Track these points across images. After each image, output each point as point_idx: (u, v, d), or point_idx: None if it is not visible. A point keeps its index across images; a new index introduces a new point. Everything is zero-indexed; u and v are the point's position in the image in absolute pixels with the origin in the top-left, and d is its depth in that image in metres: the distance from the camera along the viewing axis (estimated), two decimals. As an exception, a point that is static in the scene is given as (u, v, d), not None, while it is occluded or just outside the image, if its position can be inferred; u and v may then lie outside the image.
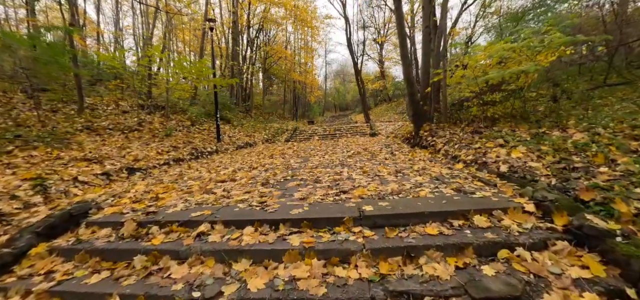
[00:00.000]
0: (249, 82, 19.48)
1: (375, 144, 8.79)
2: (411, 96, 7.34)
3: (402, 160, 5.36)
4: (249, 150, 10.04)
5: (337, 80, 49.12)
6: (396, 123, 15.51)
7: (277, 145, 11.22)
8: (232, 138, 11.80)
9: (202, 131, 11.42)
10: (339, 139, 12.01)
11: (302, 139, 13.02)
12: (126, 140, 8.63)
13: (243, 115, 17.08)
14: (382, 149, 7.22)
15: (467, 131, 6.34)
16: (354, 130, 13.67)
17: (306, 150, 8.59)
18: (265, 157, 7.49)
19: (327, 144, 10.05)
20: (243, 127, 14.07)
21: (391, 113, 23.88)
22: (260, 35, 21.27)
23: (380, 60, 32.55)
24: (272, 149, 10.08)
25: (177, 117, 11.90)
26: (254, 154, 8.61)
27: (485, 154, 4.52)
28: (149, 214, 2.95)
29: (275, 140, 13.11)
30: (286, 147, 9.84)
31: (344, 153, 7.04)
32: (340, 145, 9.21)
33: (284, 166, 5.58)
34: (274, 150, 9.16)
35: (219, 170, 5.88)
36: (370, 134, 11.92)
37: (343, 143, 10.02)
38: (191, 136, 10.39)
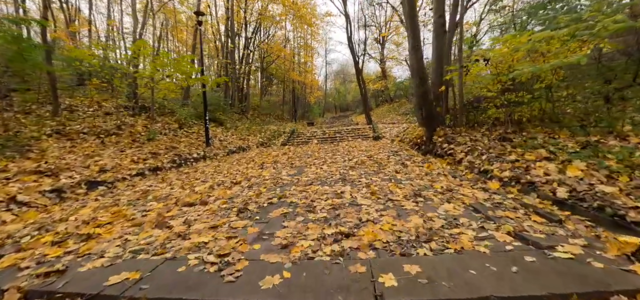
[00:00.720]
0: (245, 82, 18.46)
1: (380, 149, 7.75)
2: (423, 96, 6.30)
3: (418, 174, 4.32)
4: (240, 157, 9.01)
5: (338, 80, 48.09)
6: (400, 125, 14.47)
7: (271, 150, 10.20)
8: (224, 142, 10.77)
9: (191, 135, 10.39)
10: (340, 143, 10.98)
11: (300, 142, 11.99)
12: (101, 146, 7.61)
13: (239, 117, 16.07)
14: (390, 156, 6.18)
15: (492, 137, 5.30)
16: (356, 133, 12.64)
17: (302, 157, 7.57)
18: (254, 167, 6.47)
19: (327, 149, 9.02)
20: (237, 129, 13.05)
21: (393, 114, 22.84)
22: (257, 33, 20.26)
23: (381, 59, 31.51)
24: (266, 154, 9.06)
25: (165, 120, 10.88)
26: (243, 162, 7.59)
27: (528, 170, 3.48)
28: (49, 275, 1.92)
29: (270, 144, 12.09)
30: (281, 153, 8.82)
31: (345, 162, 6.01)
32: (340, 151, 8.18)
33: (273, 181, 4.54)
34: (267, 157, 8.13)
35: (195, 185, 4.86)
36: (373, 138, 10.90)
37: (344, 148, 8.99)
38: (177, 140, 9.37)
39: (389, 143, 9.51)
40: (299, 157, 7.51)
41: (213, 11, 19.24)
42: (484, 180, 3.76)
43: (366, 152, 7.40)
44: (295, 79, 23.07)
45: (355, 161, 5.98)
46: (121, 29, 15.10)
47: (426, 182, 3.81)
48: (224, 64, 16.35)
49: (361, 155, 6.78)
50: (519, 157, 3.96)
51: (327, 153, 8.01)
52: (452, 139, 5.73)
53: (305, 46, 22.75)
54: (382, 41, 30.83)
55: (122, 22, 15.88)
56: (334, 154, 7.60)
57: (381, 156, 6.34)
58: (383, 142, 9.90)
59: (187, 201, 3.69)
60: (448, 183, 3.66)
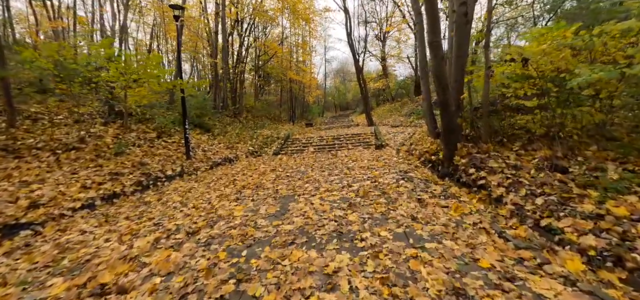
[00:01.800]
0: (238, 82, 17.10)
1: (386, 167, 6.44)
2: (443, 106, 4.93)
3: (445, 225, 3.01)
4: (222, 173, 7.72)
5: (337, 79, 46.62)
6: (405, 129, 13.13)
7: (260, 163, 8.90)
8: (208, 152, 9.47)
9: (170, 145, 9.09)
10: (338, 152, 9.67)
11: (294, 150, 10.69)
12: (53, 165, 6.33)
13: (230, 121, 14.75)
14: (400, 182, 4.87)
15: (534, 162, 3.99)
16: (356, 139, 11.32)
17: (293, 176, 6.26)
18: (231, 193, 5.17)
19: (323, 163, 7.72)
20: (226, 135, 11.74)
21: (395, 115, 21.49)
22: (252, 30, 18.85)
23: (382, 57, 30.05)
24: (252, 169, 7.76)
25: (142, 127, 9.57)
26: (221, 184, 6.29)
27: (626, 236, 2.18)
28: None
29: (262, 152, 10.78)
30: (269, 169, 7.52)
31: (344, 190, 4.71)
32: (338, 167, 6.87)
33: (241, 234, 3.24)
34: (252, 175, 6.83)
35: (141, 231, 3.57)
36: (376, 146, 9.58)
37: (343, 161, 7.68)
38: (151, 154, 8.07)
39: (395, 154, 8.20)
40: (288, 177, 6.20)
41: (207, 7, 17.86)
42: (551, 246, 2.45)
43: (369, 170, 6.09)
44: (292, 78, 21.68)
45: (356, 188, 4.68)
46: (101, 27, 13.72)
47: (462, 247, 2.51)
48: (213, 63, 14.98)
49: (363, 177, 5.48)
50: (596, 206, 2.65)
51: (322, 170, 6.70)
52: (481, 162, 4.41)
53: (303, 44, 21.30)
54: (383, 38, 29.38)
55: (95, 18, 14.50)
56: (330, 172, 6.29)
57: (388, 180, 5.03)
58: (387, 152, 8.58)
59: (96, 283, 2.40)
60: (498, 254, 2.36)
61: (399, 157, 7.59)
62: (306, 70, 23.61)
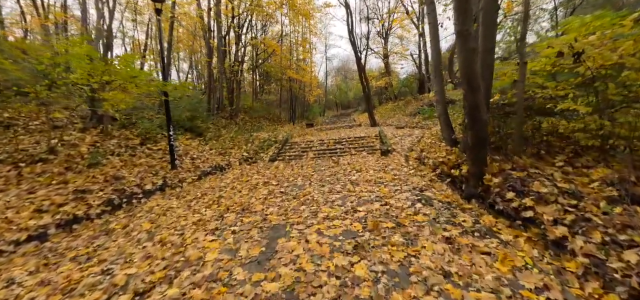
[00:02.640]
0: (235, 83, 16.15)
1: (395, 179, 5.49)
2: (472, 111, 3.89)
3: (492, 285, 2.07)
4: (210, 186, 6.81)
5: (339, 77, 45.57)
6: (410, 130, 12.15)
7: (254, 171, 7.97)
8: (197, 160, 8.56)
9: (155, 153, 8.19)
10: (340, 159, 8.73)
11: (292, 156, 9.75)
12: (15, 180, 5.46)
13: (226, 123, 13.84)
14: (416, 205, 3.92)
15: (593, 186, 3.03)
16: (360, 143, 10.36)
17: (288, 190, 5.33)
18: (213, 216, 4.25)
19: (323, 174, 6.78)
20: (219, 140, 10.83)
21: (399, 114, 20.48)
22: (249, 28, 17.88)
23: (385, 54, 28.96)
24: (244, 180, 6.84)
25: (125, 134, 8.68)
26: (207, 199, 5.38)
27: None
28: None
29: (257, 158, 9.86)
30: (263, 180, 6.59)
31: (348, 214, 3.79)
32: (341, 180, 5.93)
33: (219, 274, 2.32)
34: (241, 189, 5.91)
35: (83, 279, 2.66)
36: (381, 152, 8.62)
37: (346, 171, 6.75)
38: (131, 164, 7.18)
39: (404, 162, 7.24)
40: (282, 194, 5.27)
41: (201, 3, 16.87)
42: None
43: (376, 186, 5.16)
44: (292, 77, 20.70)
45: (363, 215, 3.74)
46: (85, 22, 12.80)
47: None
48: (209, 63, 14.04)
49: (371, 196, 4.54)
50: None
51: (322, 184, 5.76)
52: (522, 184, 3.44)
53: (302, 41, 20.28)
54: (386, 35, 28.30)
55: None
56: (331, 188, 5.35)
57: (402, 202, 4.09)
58: (395, 160, 7.62)
59: None
60: None
61: (409, 167, 6.63)
62: (306, 69, 22.60)
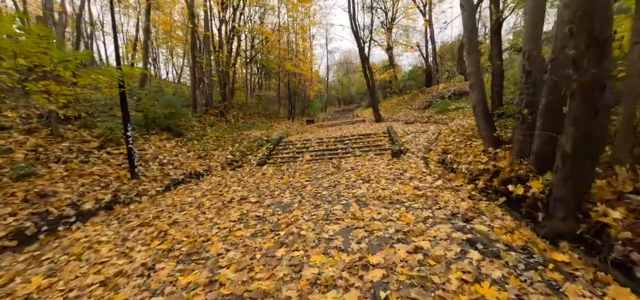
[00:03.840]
0: (227, 77, 14.47)
1: (420, 198, 3.79)
2: (589, 88, 2.04)
3: None
4: (172, 202, 5.17)
5: (340, 71, 43.66)
6: (423, 126, 10.39)
7: (235, 180, 6.33)
8: (167, 166, 6.93)
9: (115, 158, 6.59)
10: (342, 161, 7.05)
11: (285, 158, 8.09)
12: None
13: (214, 121, 12.20)
14: (473, 258, 2.25)
15: None
16: (365, 141, 8.66)
17: (267, 216, 3.66)
18: (147, 261, 2.61)
19: (319, 184, 5.11)
20: (201, 141, 9.19)
21: (405, 108, 18.71)
22: (242, 15, 16.14)
23: (388, 46, 27.03)
24: (217, 193, 5.19)
25: (82, 135, 7.09)
26: (153, 230, 3.74)
27: None
28: None
29: (244, 161, 8.21)
30: (240, 194, 4.93)
31: (355, 269, 2.13)
32: (343, 196, 4.26)
33: None
34: (207, 212, 4.25)
35: None
36: (392, 153, 6.90)
37: (349, 180, 5.07)
38: (78, 174, 5.57)
39: (423, 167, 5.52)
40: (258, 220, 3.62)
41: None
42: None
43: (394, 207, 3.48)
44: (290, 70, 18.96)
45: (379, 272, 2.09)
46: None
47: None
48: (195, 55, 12.36)
49: (390, 230, 2.87)
50: None
51: (317, 201, 4.10)
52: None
53: (301, 29, 18.39)
54: (389, 25, 26.34)
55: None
56: (328, 212, 3.67)
57: (442, 243, 2.43)
58: (412, 164, 5.90)
59: None
60: None
61: (432, 174, 4.91)
62: (304, 60, 20.80)
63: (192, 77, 11.43)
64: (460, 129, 7.79)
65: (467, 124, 8.04)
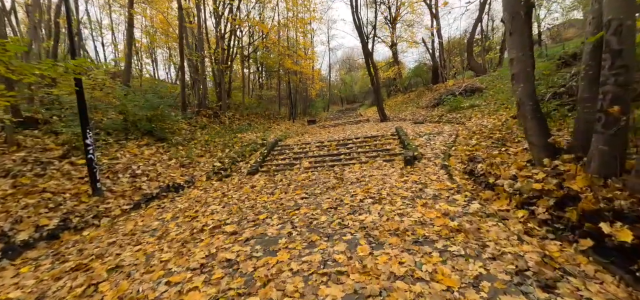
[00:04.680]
0: (222, 76, 13.40)
1: (454, 234, 2.66)
2: None
3: None
4: (137, 226, 4.10)
5: (343, 70, 42.44)
6: (436, 126, 9.19)
7: (219, 194, 5.24)
8: (141, 178, 5.87)
9: (78, 169, 5.54)
10: (345, 170, 5.93)
11: (281, 166, 7.00)
12: None
13: (206, 123, 11.16)
14: None
15: None
16: (372, 144, 7.52)
17: (243, 253, 2.55)
18: None
19: (317, 201, 4.00)
20: (187, 146, 8.14)
21: (412, 107, 17.50)
22: (238, 10, 15.06)
23: (392, 42, 25.76)
24: (193, 214, 4.10)
25: (45, 142, 6.07)
26: (98, 266, 2.66)
27: None
28: None
29: (234, 169, 7.12)
30: (223, 213, 3.84)
31: None
32: (348, 228, 3.15)
33: None
34: (175, 238, 3.17)
35: None
36: (405, 159, 5.75)
37: (353, 198, 3.95)
38: (27, 191, 4.54)
39: (448, 181, 4.37)
40: (227, 267, 2.53)
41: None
42: None
43: (421, 252, 2.37)
44: (290, 68, 17.85)
45: None
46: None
47: None
48: (187, 52, 11.31)
49: (421, 293, 1.74)
50: None
51: (311, 233, 2.99)
52: None
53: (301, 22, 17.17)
54: (393, 21, 25.06)
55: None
56: (327, 253, 2.57)
57: None
58: (432, 176, 4.75)
59: None
60: None
61: (462, 193, 3.76)
62: (304, 57, 19.64)
63: (181, 74, 10.40)
64: (483, 130, 6.61)
65: (490, 124, 6.85)
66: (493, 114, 8.24)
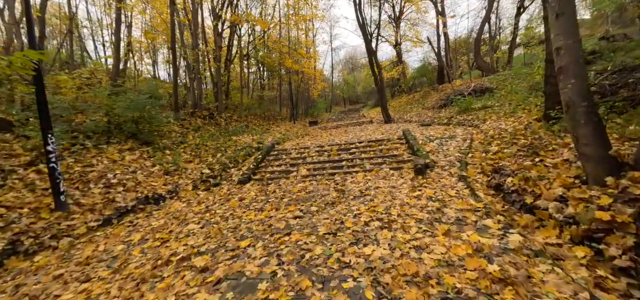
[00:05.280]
0: (219, 75, 12.73)
1: (500, 285, 1.90)
2: None
3: None
4: (95, 252, 3.40)
5: (345, 70, 41.66)
6: (446, 129, 8.41)
7: (203, 208, 4.53)
8: (116, 188, 5.17)
9: (42, 181, 4.87)
10: (347, 180, 5.20)
11: (276, 173, 6.28)
12: None
13: (201, 125, 10.49)
14: None
15: None
16: (377, 149, 6.76)
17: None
18: None
19: (313, 221, 3.26)
20: (176, 150, 7.45)
21: (417, 107, 16.70)
22: (236, 8, 14.37)
23: (396, 42, 24.94)
24: (164, 236, 3.39)
25: (14, 147, 5.42)
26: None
27: None
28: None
29: (224, 176, 6.42)
30: (203, 233, 3.12)
31: None
32: (350, 259, 2.40)
33: None
34: (133, 273, 2.45)
35: None
36: (416, 168, 4.99)
37: (357, 217, 3.21)
38: (-31, 206, 3.86)
39: (472, 198, 3.61)
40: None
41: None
42: None
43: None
44: (291, 67, 17.13)
45: None
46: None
47: None
48: (180, 50, 10.66)
49: None
50: None
51: (305, 270, 2.26)
52: None
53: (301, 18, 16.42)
54: (397, 19, 24.25)
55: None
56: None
57: None
58: (449, 189, 3.98)
59: None
60: None
61: (493, 216, 3.00)
62: (304, 54, 18.87)
63: (174, 73, 9.73)
64: (503, 134, 5.82)
65: (510, 128, 6.06)
66: (510, 116, 7.44)
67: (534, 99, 8.34)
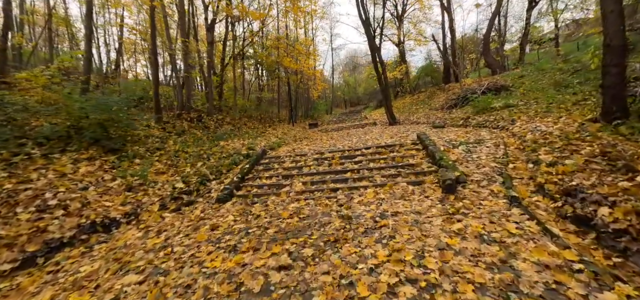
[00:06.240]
0: (208, 73, 11.54)
1: None
2: None
3: None
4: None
5: (346, 71, 40.47)
6: (462, 131, 7.15)
7: (156, 245, 3.31)
8: (52, 212, 3.95)
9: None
10: (354, 199, 3.97)
11: (264, 188, 5.05)
12: None
13: (187, 127, 9.29)
14: None
15: None
16: (389, 157, 5.52)
17: None
18: None
19: (307, 286, 2.04)
20: (149, 158, 6.23)
21: (424, 108, 15.43)
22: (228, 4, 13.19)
23: (399, 41, 23.74)
24: (87, 294, 2.18)
25: None
26: None
27: None
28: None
29: (201, 192, 5.18)
30: (138, 297, 1.93)
31: None
32: None
33: None
34: None
35: None
36: (443, 186, 3.75)
37: (373, 277, 1.98)
38: None
39: (538, 232, 2.37)
40: None
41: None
42: None
43: None
44: (288, 66, 15.93)
45: None
46: None
47: None
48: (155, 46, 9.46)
49: None
50: None
51: None
52: None
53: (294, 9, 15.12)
54: (400, 17, 23.06)
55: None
56: None
57: None
58: (514, 226, 2.76)
59: None
60: None
61: (602, 276, 1.75)
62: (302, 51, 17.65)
63: (154, 70, 8.56)
64: (549, 138, 4.57)
65: (556, 131, 4.81)
66: (544, 115, 6.20)
67: (568, 96, 7.11)
